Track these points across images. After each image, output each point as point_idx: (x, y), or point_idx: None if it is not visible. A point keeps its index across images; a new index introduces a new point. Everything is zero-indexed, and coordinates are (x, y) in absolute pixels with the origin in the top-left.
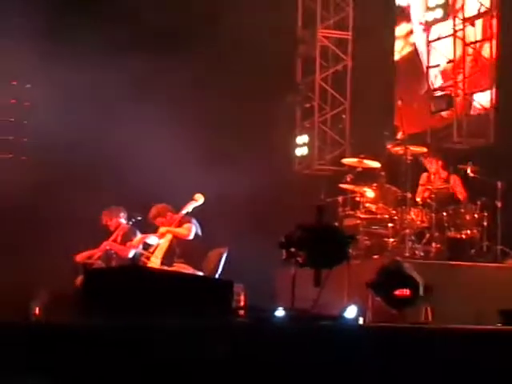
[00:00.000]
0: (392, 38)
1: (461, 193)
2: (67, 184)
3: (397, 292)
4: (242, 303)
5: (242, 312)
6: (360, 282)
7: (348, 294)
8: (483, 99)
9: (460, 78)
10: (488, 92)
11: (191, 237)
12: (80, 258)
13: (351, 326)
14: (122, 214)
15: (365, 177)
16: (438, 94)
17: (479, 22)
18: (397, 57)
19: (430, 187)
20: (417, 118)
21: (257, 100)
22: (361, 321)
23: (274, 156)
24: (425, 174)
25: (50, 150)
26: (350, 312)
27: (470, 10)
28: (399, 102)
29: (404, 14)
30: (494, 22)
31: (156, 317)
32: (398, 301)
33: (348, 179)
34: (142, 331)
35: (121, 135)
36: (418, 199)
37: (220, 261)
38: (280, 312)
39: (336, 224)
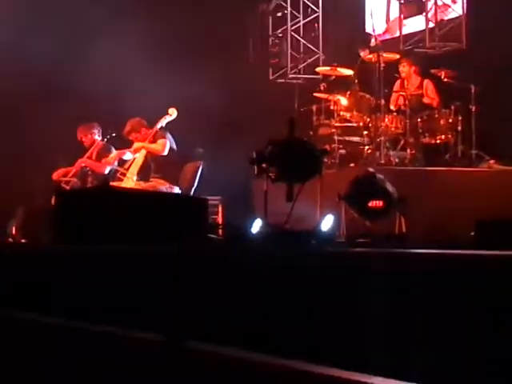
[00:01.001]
0: None
1: (432, 98)
2: (41, 100)
3: (370, 203)
4: (219, 216)
5: (218, 229)
6: (336, 192)
7: (322, 206)
8: (456, 4)
9: None
10: None
11: (165, 152)
12: (56, 175)
13: (324, 243)
14: (96, 130)
15: (338, 85)
16: None
17: None
18: None
19: (403, 93)
20: (388, 25)
21: (229, 10)
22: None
23: (247, 66)
24: (398, 81)
25: (20, 67)
26: (326, 223)
27: None
28: (371, 11)
29: None
30: None
31: (129, 239)
32: (371, 212)
33: (322, 88)
34: (112, 255)
35: (93, 51)
36: (392, 107)
37: (196, 174)
38: (255, 228)
39: (310, 133)
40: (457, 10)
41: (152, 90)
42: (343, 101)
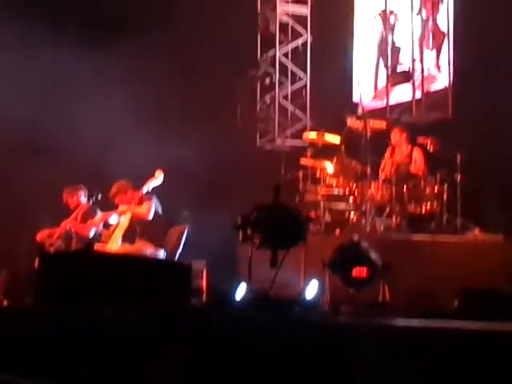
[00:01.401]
0: (352, 14)
1: (419, 168)
2: (27, 161)
3: (354, 271)
4: (204, 280)
5: (201, 295)
6: (320, 258)
7: (306, 273)
8: (442, 75)
9: (418, 53)
10: (446, 66)
11: (150, 216)
12: (40, 236)
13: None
14: (82, 193)
15: (325, 152)
16: (398, 69)
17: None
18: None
19: (391, 161)
20: (376, 94)
21: (218, 75)
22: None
23: (234, 131)
24: (389, 148)
25: (6, 126)
26: (310, 290)
27: None
28: (358, 80)
29: None
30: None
31: (111, 303)
32: (355, 280)
33: (308, 154)
34: (94, 318)
35: (80, 112)
36: (383, 175)
37: (181, 238)
38: (240, 294)
39: (296, 200)
40: (443, 81)
41: (139, 153)
42: (329, 167)
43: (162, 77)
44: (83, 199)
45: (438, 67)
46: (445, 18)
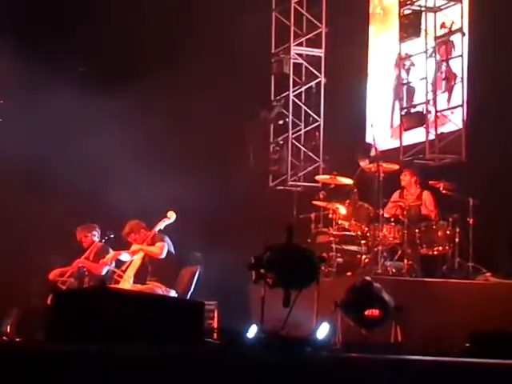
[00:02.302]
0: (366, 55)
1: (431, 210)
2: (41, 200)
3: (366, 312)
4: (215, 321)
5: (213, 334)
6: (332, 299)
7: (319, 313)
8: (455, 116)
9: (432, 95)
10: (460, 109)
11: (163, 255)
12: (53, 275)
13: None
14: (95, 232)
15: (338, 193)
16: (411, 110)
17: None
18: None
19: (401, 204)
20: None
21: (232, 117)
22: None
23: (248, 172)
24: (398, 191)
25: (21, 164)
26: (322, 331)
27: (442, 29)
28: (371, 122)
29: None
30: (465, 39)
31: (124, 341)
32: (367, 321)
33: (321, 196)
34: (110, 358)
35: (94, 153)
36: (387, 215)
37: (192, 279)
38: (251, 333)
39: (308, 241)
40: (456, 123)
41: (153, 194)
42: (342, 209)
43: (175, 119)
44: (96, 238)
45: (450, 109)
46: (458, 61)
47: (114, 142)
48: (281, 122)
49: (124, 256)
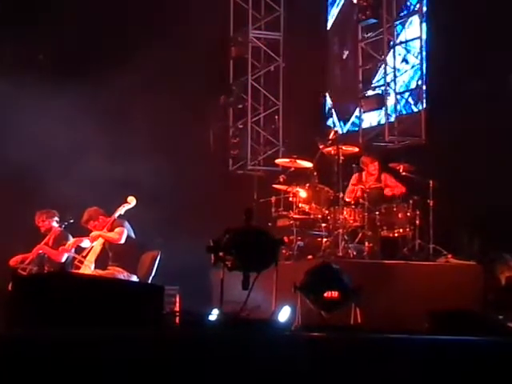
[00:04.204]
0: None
1: (394, 186)
2: (1, 186)
3: (325, 294)
4: (177, 306)
5: (175, 317)
6: (293, 283)
7: (278, 296)
8: (414, 99)
9: (390, 77)
10: (419, 91)
11: (122, 241)
12: (13, 262)
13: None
14: (55, 218)
15: (298, 177)
16: (369, 93)
17: (410, 22)
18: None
19: (362, 187)
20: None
21: (191, 101)
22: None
23: (208, 156)
24: (356, 174)
25: None
26: (283, 314)
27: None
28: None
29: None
30: (423, 21)
31: (86, 324)
32: (326, 303)
33: (281, 179)
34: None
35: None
36: (349, 199)
37: (153, 264)
38: (213, 316)
39: (268, 225)
40: (416, 105)
41: (109, 178)
42: (302, 193)
43: (133, 103)
44: (55, 224)
45: (409, 91)
46: (417, 43)
47: (72, 128)
48: (240, 106)
49: (85, 243)
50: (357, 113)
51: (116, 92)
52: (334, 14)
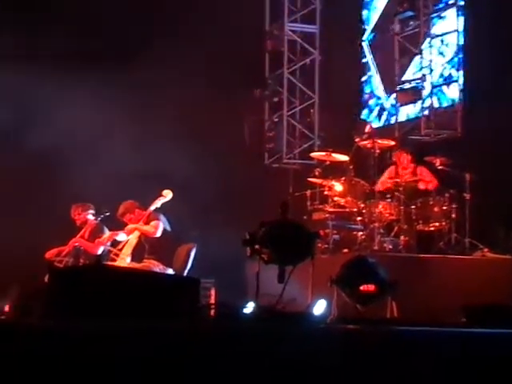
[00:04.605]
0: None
1: (429, 181)
2: (38, 180)
3: (361, 287)
4: (212, 299)
5: (209, 309)
6: (328, 276)
7: (314, 289)
8: (451, 92)
9: (427, 70)
10: (455, 84)
11: (158, 234)
12: (49, 254)
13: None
14: (90, 211)
15: (333, 170)
16: (406, 86)
17: (447, 15)
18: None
19: (397, 180)
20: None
21: (226, 95)
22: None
23: (243, 150)
24: (392, 167)
25: (15, 145)
26: (319, 307)
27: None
28: (366, 96)
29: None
30: (460, 14)
31: (121, 317)
32: (362, 296)
33: (316, 173)
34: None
35: (94, 132)
36: (381, 190)
37: (189, 257)
38: (248, 309)
39: (304, 218)
40: (452, 98)
41: (148, 172)
42: (338, 186)
43: (169, 95)
44: (91, 216)
45: (446, 84)
46: (454, 36)
47: (108, 120)
48: (276, 100)
49: (120, 236)
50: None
51: (151, 84)
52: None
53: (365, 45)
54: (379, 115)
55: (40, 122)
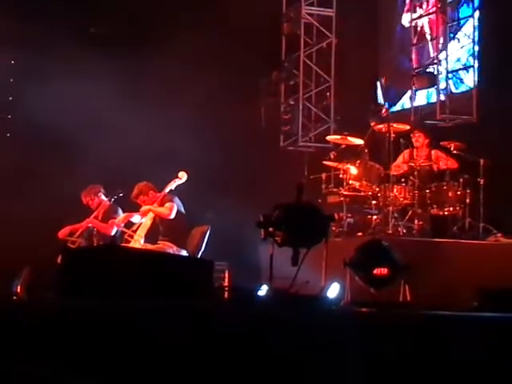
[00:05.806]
0: (375, 15)
1: (447, 163)
2: (51, 159)
3: (375, 271)
4: (226, 281)
5: (223, 292)
6: (342, 259)
7: (328, 272)
8: (466, 77)
9: (443, 55)
10: (471, 69)
11: (172, 216)
12: (62, 234)
13: (329, 309)
14: (101, 192)
15: (348, 154)
16: (421, 71)
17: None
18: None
19: (412, 164)
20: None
21: (243, 77)
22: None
23: (259, 132)
24: (408, 150)
25: (31, 128)
26: (332, 290)
27: None
28: (382, 80)
29: None
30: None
31: (134, 298)
32: (376, 280)
33: (332, 156)
34: (119, 313)
35: (107, 115)
36: (395, 173)
37: (203, 238)
38: (262, 291)
39: (318, 201)
40: (468, 84)
41: (163, 154)
42: (353, 170)
43: (185, 78)
44: (103, 197)
45: (462, 69)
46: (470, 21)
47: (124, 104)
48: (292, 83)
49: (135, 218)
50: (407, 95)
51: (169, 69)
52: None
53: None
54: None
55: (55, 103)
